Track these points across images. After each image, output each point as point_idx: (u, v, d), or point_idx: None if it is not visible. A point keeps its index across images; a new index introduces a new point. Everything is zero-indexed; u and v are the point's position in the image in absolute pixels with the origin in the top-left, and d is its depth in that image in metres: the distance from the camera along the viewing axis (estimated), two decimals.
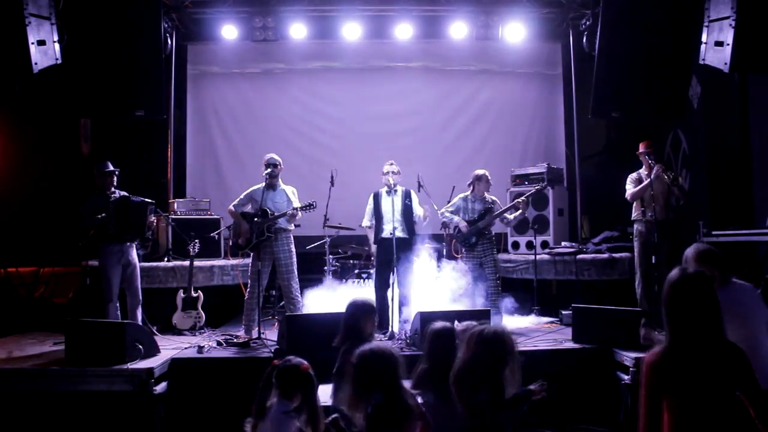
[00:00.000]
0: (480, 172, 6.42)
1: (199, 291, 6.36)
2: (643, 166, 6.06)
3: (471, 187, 6.42)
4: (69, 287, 7.03)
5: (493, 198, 6.50)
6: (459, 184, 6.65)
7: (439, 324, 3.31)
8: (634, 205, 6.12)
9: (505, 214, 6.38)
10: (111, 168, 5.82)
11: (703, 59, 5.50)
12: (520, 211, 6.34)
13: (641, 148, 6.05)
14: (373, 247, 6.45)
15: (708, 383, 2.25)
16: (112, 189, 5.82)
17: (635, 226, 6.12)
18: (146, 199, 5.86)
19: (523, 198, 6.35)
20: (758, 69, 5.46)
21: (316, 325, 4.88)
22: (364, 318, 3.68)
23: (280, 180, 6.12)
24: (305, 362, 2.95)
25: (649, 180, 5.89)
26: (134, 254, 5.89)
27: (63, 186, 7.50)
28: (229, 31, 8.23)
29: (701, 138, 7.05)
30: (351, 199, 7.17)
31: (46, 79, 5.60)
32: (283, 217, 5.86)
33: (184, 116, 8.74)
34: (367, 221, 6.37)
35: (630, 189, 6.05)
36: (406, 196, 6.27)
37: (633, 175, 6.11)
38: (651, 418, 2.35)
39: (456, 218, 6.31)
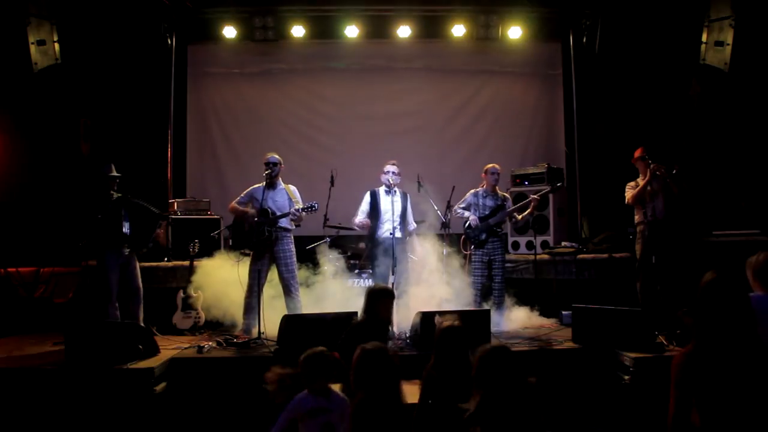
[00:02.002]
0: (488, 165, 6.44)
1: (199, 291, 6.36)
2: (640, 174, 6.08)
3: (482, 182, 6.45)
4: (69, 287, 7.02)
5: (505, 194, 6.51)
6: (459, 184, 6.65)
7: (447, 322, 3.34)
8: (636, 208, 6.14)
9: (515, 214, 6.38)
10: (114, 173, 5.83)
11: (703, 59, 5.51)
12: (529, 210, 6.34)
13: (637, 155, 6.07)
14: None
15: (736, 384, 2.25)
16: (112, 192, 5.83)
17: (638, 227, 6.14)
18: (156, 210, 5.86)
19: (536, 196, 6.35)
20: (758, 69, 5.46)
21: (315, 325, 4.88)
22: (381, 301, 3.91)
23: (280, 179, 6.12)
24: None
25: (646, 180, 5.91)
26: (134, 254, 5.88)
27: (63, 186, 7.50)
28: (229, 31, 8.23)
29: (701, 138, 7.05)
30: (351, 199, 7.16)
31: (46, 79, 5.61)
32: (284, 217, 5.86)
33: (184, 116, 8.74)
34: (359, 219, 6.29)
35: (629, 193, 6.09)
36: (405, 198, 6.27)
37: (631, 183, 6.17)
38: (679, 417, 2.35)
39: (467, 213, 6.31)
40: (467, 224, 6.30)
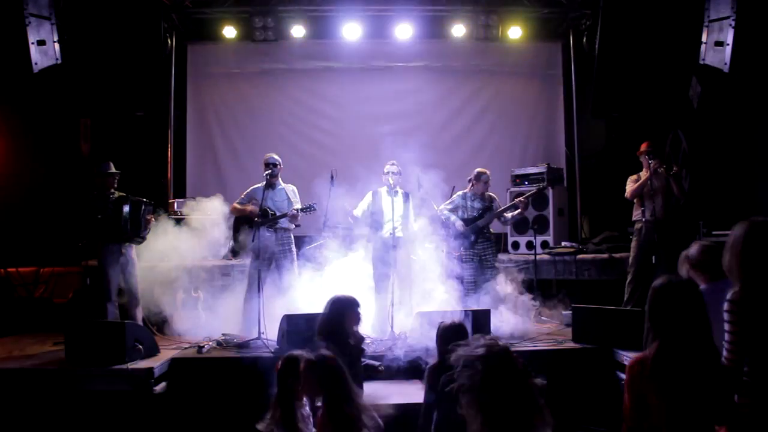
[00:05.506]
0: (480, 170, 6.43)
1: (200, 291, 6.36)
2: (643, 168, 6.08)
3: (470, 185, 6.41)
4: (69, 287, 7.02)
5: (493, 195, 6.49)
6: (459, 184, 6.65)
7: (448, 321, 3.34)
8: (634, 205, 6.14)
9: (504, 213, 6.38)
10: (113, 170, 5.83)
11: (703, 59, 5.50)
12: (519, 210, 6.33)
13: (642, 149, 6.07)
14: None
15: (693, 388, 2.26)
16: (112, 190, 5.83)
17: (635, 225, 6.14)
18: (143, 199, 5.87)
19: (522, 198, 6.35)
20: (757, 69, 5.46)
21: (315, 324, 4.86)
22: (348, 313, 3.74)
23: (280, 179, 6.13)
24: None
25: (647, 176, 5.90)
26: (133, 254, 5.89)
27: (63, 186, 7.49)
28: (229, 31, 8.23)
29: (701, 138, 7.05)
30: (351, 200, 7.16)
31: (46, 79, 5.61)
32: (283, 218, 5.86)
33: (184, 116, 8.74)
34: (359, 212, 6.30)
35: (629, 187, 6.08)
36: (407, 199, 6.27)
37: (633, 177, 6.15)
38: (634, 419, 2.36)
39: (453, 217, 6.29)
40: (454, 227, 6.30)
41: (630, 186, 6.10)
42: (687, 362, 2.28)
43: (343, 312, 3.75)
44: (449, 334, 3.26)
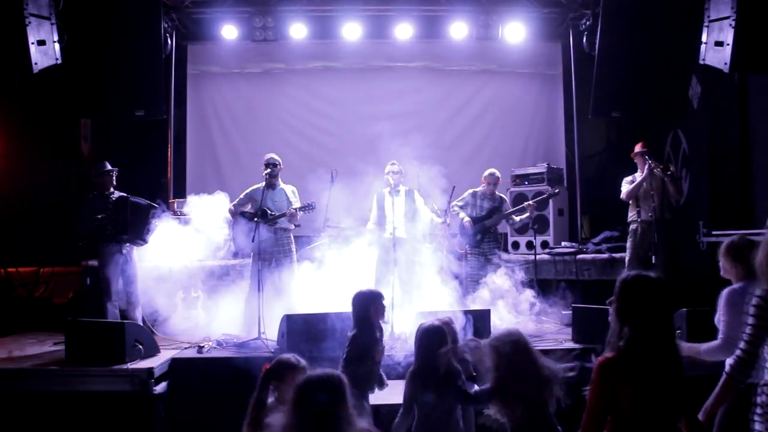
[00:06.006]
0: (490, 171, 6.53)
1: (200, 291, 6.36)
2: (638, 169, 6.09)
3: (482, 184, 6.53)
4: (69, 287, 7.03)
5: (503, 197, 6.57)
6: (459, 184, 6.66)
7: (427, 322, 3.33)
8: (630, 205, 6.15)
9: (513, 216, 6.42)
10: (109, 167, 5.83)
11: (703, 59, 5.49)
12: (527, 213, 6.37)
13: (637, 149, 6.08)
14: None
15: (657, 391, 2.26)
16: (111, 189, 5.83)
17: (631, 226, 6.15)
18: (151, 202, 5.86)
19: (533, 202, 6.40)
20: (758, 69, 5.45)
21: (315, 324, 4.88)
22: (373, 305, 3.76)
23: (279, 179, 6.13)
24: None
25: (643, 176, 5.92)
26: (134, 254, 5.89)
27: (63, 186, 7.50)
28: (229, 31, 8.23)
29: (701, 138, 7.05)
30: (351, 200, 7.16)
31: (46, 79, 5.60)
32: (282, 217, 5.87)
33: (184, 116, 8.74)
34: (371, 224, 6.36)
35: (625, 189, 6.10)
36: (410, 196, 6.28)
37: (628, 178, 6.18)
38: (597, 423, 2.34)
39: (462, 213, 6.37)
40: (461, 225, 6.36)
41: (626, 187, 6.11)
42: (657, 358, 2.28)
43: (367, 306, 3.76)
44: (427, 336, 3.25)
